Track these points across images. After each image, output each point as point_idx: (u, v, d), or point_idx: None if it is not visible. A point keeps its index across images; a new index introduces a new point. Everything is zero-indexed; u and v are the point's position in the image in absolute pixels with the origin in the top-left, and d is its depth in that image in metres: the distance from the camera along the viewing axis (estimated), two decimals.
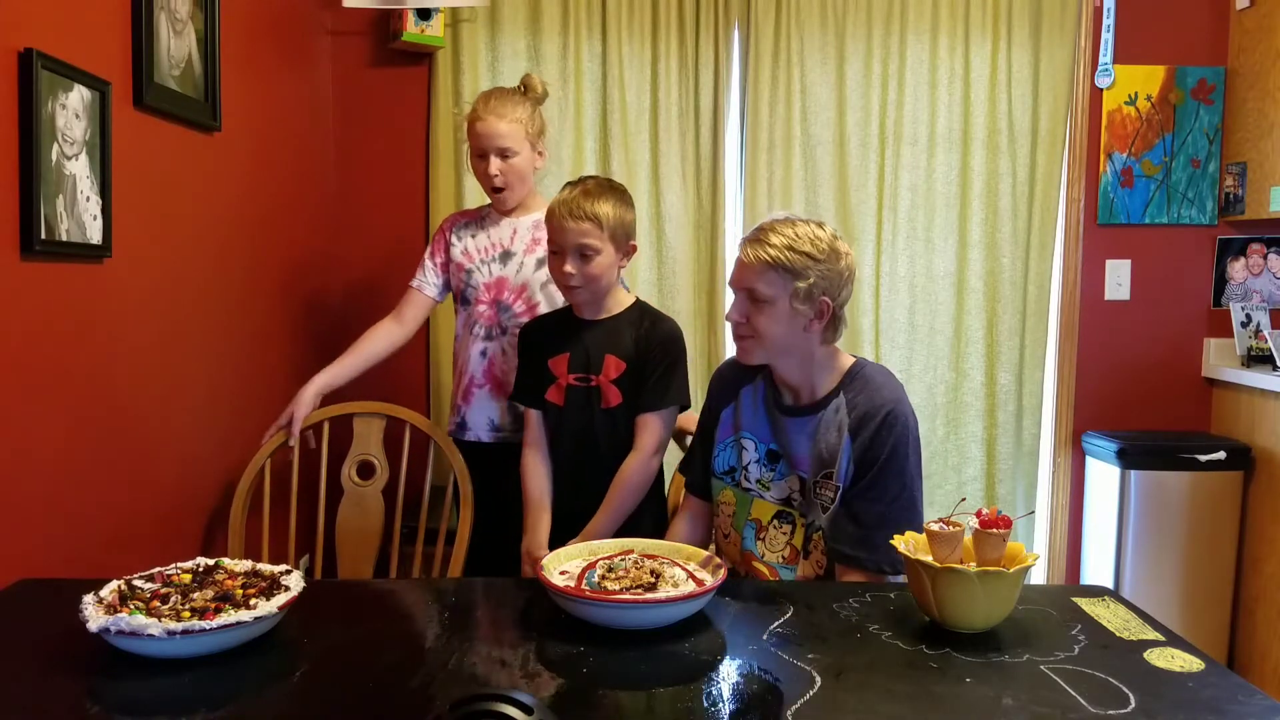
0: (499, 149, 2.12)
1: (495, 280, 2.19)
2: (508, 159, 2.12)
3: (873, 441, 1.59)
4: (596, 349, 1.94)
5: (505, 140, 2.11)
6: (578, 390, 1.95)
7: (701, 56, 3.05)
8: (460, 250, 2.22)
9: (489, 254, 2.20)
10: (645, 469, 1.91)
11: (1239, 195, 3.09)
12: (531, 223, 2.21)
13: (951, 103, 3.10)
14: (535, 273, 2.18)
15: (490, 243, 2.21)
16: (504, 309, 2.19)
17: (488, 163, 2.12)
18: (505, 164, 2.12)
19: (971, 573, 1.23)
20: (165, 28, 1.91)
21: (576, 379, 1.95)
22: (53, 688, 1.11)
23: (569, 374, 1.95)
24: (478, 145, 2.14)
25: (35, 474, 1.53)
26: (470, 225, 2.26)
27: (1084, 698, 1.09)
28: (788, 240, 1.60)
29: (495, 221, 2.23)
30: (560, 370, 1.96)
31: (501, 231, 2.22)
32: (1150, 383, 3.23)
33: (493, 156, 2.12)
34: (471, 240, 2.23)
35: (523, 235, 2.20)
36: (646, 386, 1.91)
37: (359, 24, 3.03)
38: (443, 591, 1.49)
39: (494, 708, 0.93)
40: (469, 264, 2.20)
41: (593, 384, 1.94)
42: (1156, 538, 2.99)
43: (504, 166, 2.13)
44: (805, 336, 1.63)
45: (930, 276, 3.16)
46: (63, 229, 1.55)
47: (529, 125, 2.14)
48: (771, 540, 1.71)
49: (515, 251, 2.19)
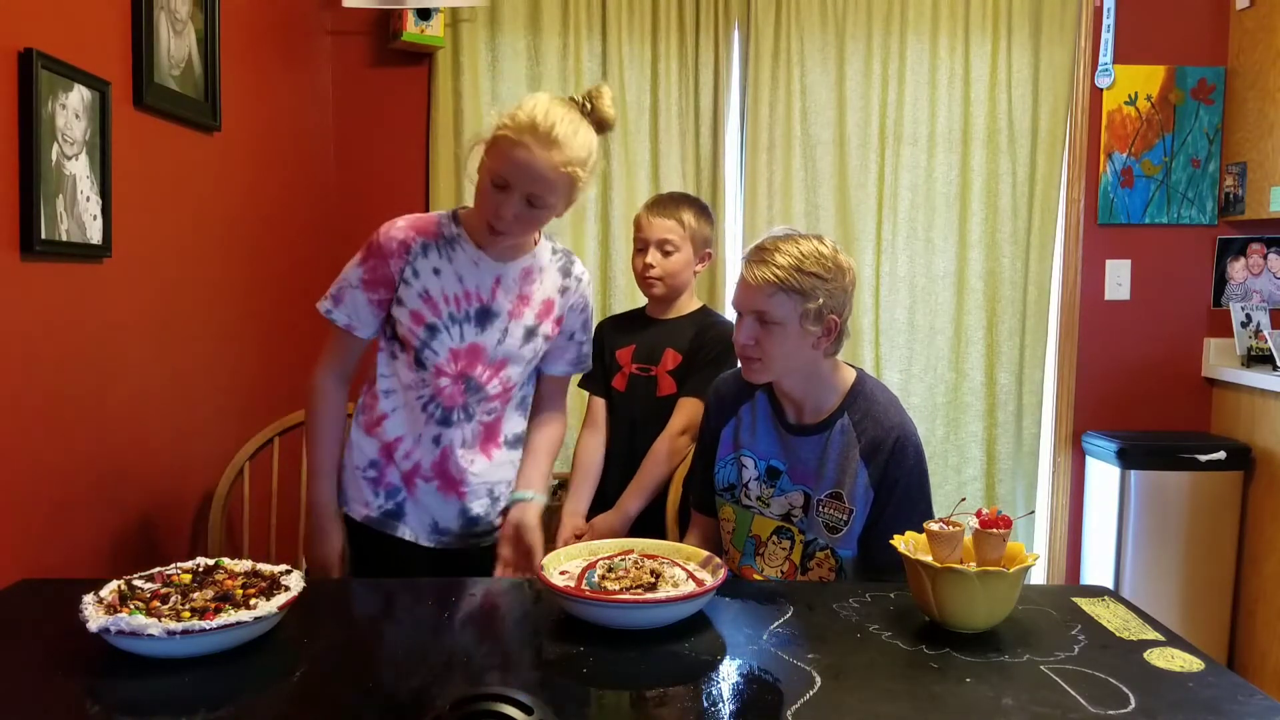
0: (530, 194, 1.51)
1: (467, 348, 1.61)
2: (534, 208, 1.53)
3: (889, 466, 1.61)
4: (659, 342, 2.14)
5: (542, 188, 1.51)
6: (638, 379, 2.14)
7: (701, 56, 3.05)
8: (420, 289, 1.58)
9: (461, 307, 1.60)
10: (671, 444, 2.06)
11: (1239, 195, 3.09)
12: (521, 271, 1.63)
13: (951, 103, 3.10)
14: (524, 347, 1.65)
15: (463, 289, 1.60)
16: (473, 388, 1.63)
17: (506, 198, 1.51)
18: (529, 211, 1.53)
19: (971, 573, 1.23)
20: (165, 28, 1.91)
21: (638, 368, 2.15)
22: (53, 688, 1.11)
23: (632, 363, 2.15)
24: (503, 174, 1.50)
25: (35, 474, 1.53)
26: (434, 249, 1.60)
27: (1084, 698, 1.09)
28: (794, 260, 1.58)
29: (471, 255, 1.60)
30: (625, 359, 2.17)
31: (481, 275, 1.60)
32: (1150, 383, 3.23)
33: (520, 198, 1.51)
34: (435, 278, 1.59)
35: (509, 287, 1.62)
36: (692, 373, 2.08)
37: (359, 24, 3.03)
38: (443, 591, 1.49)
39: (494, 708, 0.93)
40: (431, 316, 1.59)
41: (651, 374, 2.13)
42: (1156, 538, 2.99)
43: (524, 214, 1.53)
44: (812, 354, 1.64)
45: (930, 276, 3.16)
46: (63, 229, 1.55)
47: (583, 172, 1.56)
48: (770, 555, 1.71)
49: (499, 312, 1.62)
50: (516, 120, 1.49)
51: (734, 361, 1.98)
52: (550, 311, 1.68)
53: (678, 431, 2.06)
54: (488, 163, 1.52)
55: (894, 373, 3.17)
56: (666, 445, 2.06)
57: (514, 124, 1.49)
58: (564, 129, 1.49)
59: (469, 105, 3.02)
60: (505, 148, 1.49)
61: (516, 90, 3.05)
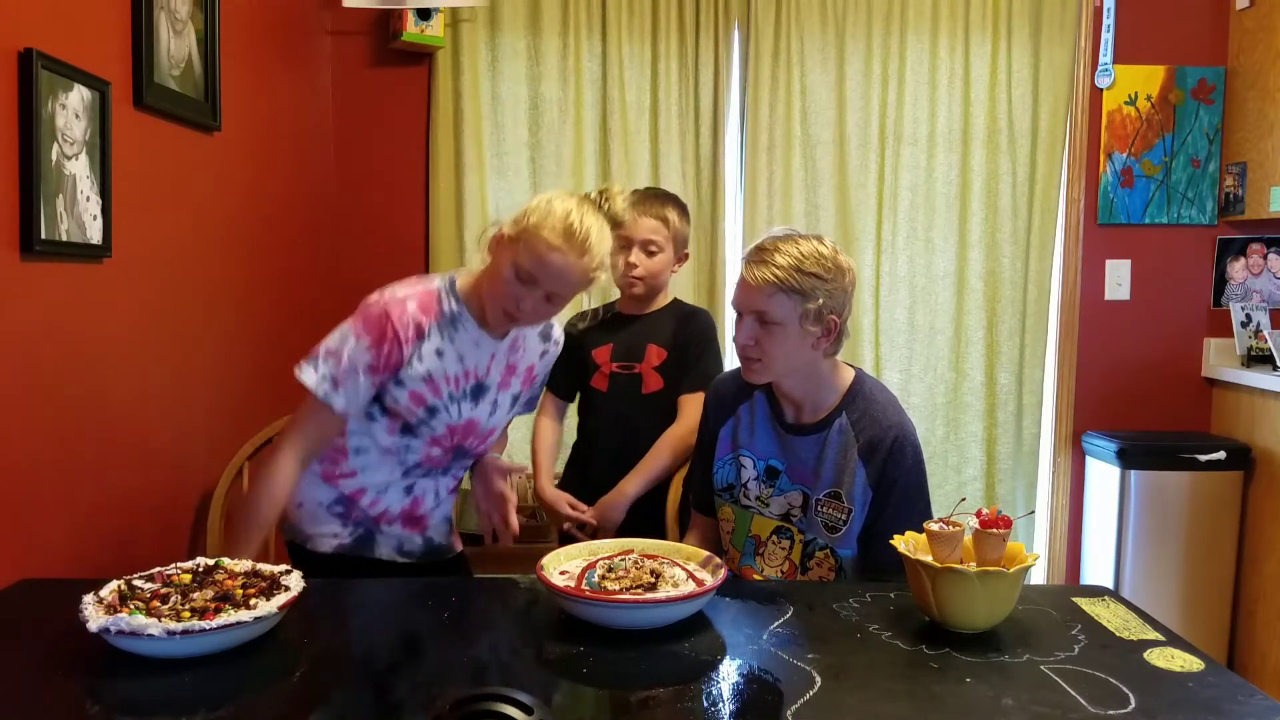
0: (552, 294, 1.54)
1: (464, 424, 1.65)
2: (552, 304, 1.56)
3: (887, 465, 1.62)
4: (639, 339, 2.11)
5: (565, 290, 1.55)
6: (620, 377, 2.11)
7: (701, 56, 3.05)
8: (423, 372, 1.57)
9: (460, 386, 1.61)
10: (678, 442, 2.05)
11: (1239, 195, 3.09)
12: (509, 342, 1.66)
13: (951, 103, 3.10)
14: (509, 413, 1.74)
15: (463, 369, 1.61)
16: (460, 454, 1.69)
17: (529, 293, 1.52)
18: (547, 306, 1.56)
19: (971, 573, 1.23)
20: (165, 28, 1.91)
21: (619, 367, 2.11)
22: (53, 688, 1.11)
23: (612, 362, 2.11)
24: (533, 272, 1.51)
25: (35, 474, 1.53)
26: (441, 330, 1.58)
27: (1084, 698, 1.09)
28: (794, 260, 1.57)
29: (473, 334, 1.61)
30: (603, 359, 2.13)
31: (480, 353, 1.62)
32: (1150, 383, 3.23)
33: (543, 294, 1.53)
34: (437, 360, 1.58)
35: (500, 360, 1.66)
36: (687, 369, 2.07)
37: (359, 24, 3.03)
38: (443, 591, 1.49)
39: (494, 708, 0.93)
40: (432, 398, 1.59)
41: (635, 371, 2.10)
42: (1156, 538, 2.99)
43: (542, 308, 1.56)
44: (812, 354, 1.63)
45: (930, 276, 3.16)
46: (63, 229, 1.55)
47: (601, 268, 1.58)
48: (770, 555, 1.71)
49: (490, 385, 1.65)
50: (551, 223, 1.50)
51: (718, 348, 2.12)
52: (532, 377, 1.76)
53: (688, 429, 2.02)
54: (517, 256, 1.51)
55: (894, 373, 3.17)
56: (672, 441, 2.05)
57: (549, 226, 1.50)
58: (595, 235, 1.52)
59: (469, 105, 3.02)
60: (540, 249, 1.49)
61: (516, 90, 3.05)
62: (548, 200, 1.55)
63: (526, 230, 1.52)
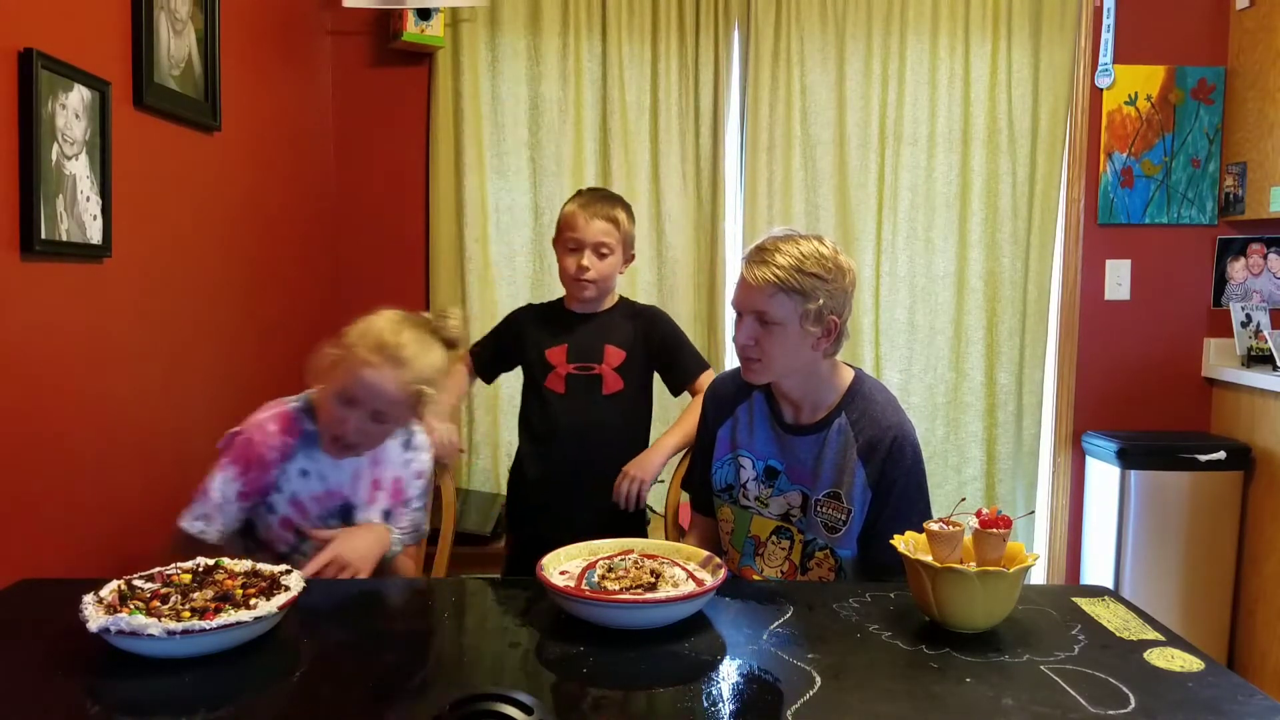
0: (376, 412, 1.53)
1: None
2: (380, 424, 1.55)
3: (886, 466, 1.61)
4: (595, 340, 2.06)
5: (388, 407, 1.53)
6: (578, 378, 2.05)
7: (701, 56, 3.05)
8: (288, 496, 1.57)
9: (326, 506, 1.59)
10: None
11: (1239, 195, 3.09)
12: (370, 458, 1.63)
13: (951, 103, 3.10)
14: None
15: (326, 489, 1.59)
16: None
17: (351, 413, 1.52)
18: (375, 427, 1.55)
19: (971, 573, 1.23)
20: (165, 28, 1.91)
21: (577, 368, 2.05)
22: (53, 688, 1.11)
23: (568, 363, 2.05)
24: (350, 391, 1.51)
25: (35, 474, 1.53)
26: (302, 453, 1.57)
27: (1084, 698, 1.09)
28: (795, 260, 1.57)
29: (332, 455, 1.59)
30: (558, 360, 2.05)
31: (341, 472, 1.60)
32: (1150, 383, 3.23)
33: (366, 413, 1.52)
34: (302, 480, 1.57)
35: (363, 476, 1.62)
36: (677, 367, 2.09)
37: (359, 24, 3.03)
38: (443, 591, 1.49)
39: (494, 708, 0.93)
40: (299, 519, 1.58)
41: (595, 372, 2.05)
42: (1156, 538, 2.99)
43: (370, 429, 1.55)
44: (812, 355, 1.63)
45: (930, 276, 3.16)
46: (63, 229, 1.55)
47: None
48: (770, 556, 1.71)
49: (358, 504, 1.62)
50: (366, 340, 1.50)
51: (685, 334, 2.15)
52: (401, 490, 1.67)
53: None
54: (337, 378, 1.52)
55: (894, 373, 3.17)
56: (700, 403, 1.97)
57: (363, 344, 1.50)
58: (412, 350, 1.50)
59: (469, 105, 3.02)
60: (355, 366, 1.49)
61: (516, 90, 3.06)
62: (367, 319, 1.54)
63: (345, 349, 1.52)
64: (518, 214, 3.10)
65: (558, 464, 2.06)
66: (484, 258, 3.09)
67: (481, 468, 3.12)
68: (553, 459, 2.07)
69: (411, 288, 3.11)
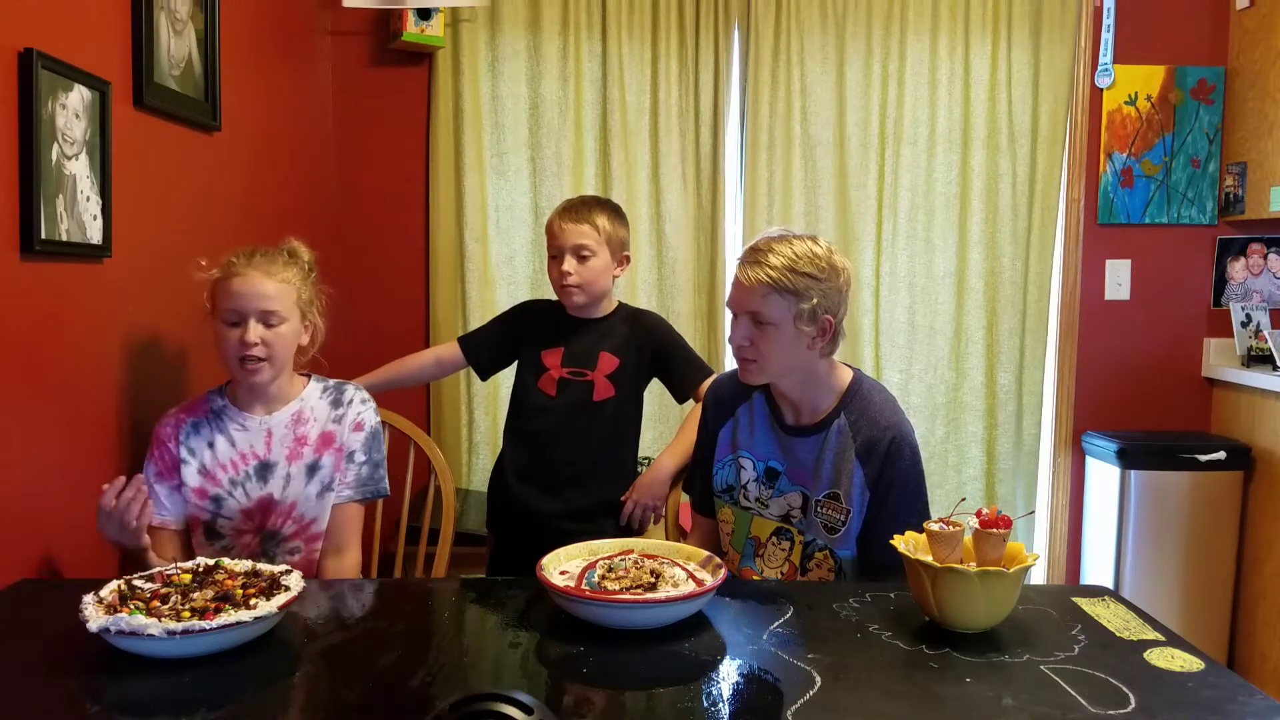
0: (261, 311, 1.62)
1: (257, 503, 1.68)
2: (272, 326, 1.64)
3: (885, 466, 1.61)
4: (591, 346, 2.05)
5: (271, 303, 1.63)
6: (570, 383, 2.04)
7: (701, 56, 3.05)
8: (196, 468, 1.66)
9: (239, 469, 1.68)
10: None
11: (1239, 195, 3.09)
12: (291, 418, 1.71)
13: (951, 103, 3.10)
14: (308, 485, 1.70)
15: (238, 453, 1.68)
16: (271, 537, 1.70)
17: (245, 328, 1.62)
18: (271, 333, 1.64)
19: (971, 573, 1.23)
20: (165, 28, 1.91)
21: (570, 372, 2.04)
22: (53, 688, 1.11)
23: (562, 367, 2.04)
24: (231, 307, 1.63)
25: (36, 474, 1.53)
26: (202, 427, 1.69)
27: (1084, 698, 1.09)
28: (788, 261, 1.57)
29: (237, 420, 1.69)
30: (553, 363, 2.05)
31: (253, 435, 1.69)
32: (1150, 383, 3.23)
33: (252, 321, 1.62)
34: (209, 451, 1.67)
35: (282, 436, 1.70)
36: (677, 375, 2.08)
37: (359, 24, 3.03)
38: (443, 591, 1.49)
39: (494, 708, 0.93)
40: (213, 488, 1.67)
41: (587, 378, 2.03)
42: (1156, 538, 2.99)
43: (268, 336, 1.64)
44: (808, 355, 1.63)
45: (930, 276, 3.16)
46: (63, 229, 1.55)
47: (300, 291, 1.69)
48: (770, 557, 1.71)
49: (275, 461, 1.69)
50: (220, 266, 1.65)
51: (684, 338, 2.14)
52: (331, 442, 1.72)
53: None
54: (216, 309, 1.64)
55: (894, 373, 3.17)
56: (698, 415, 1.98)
57: (221, 269, 1.65)
58: (262, 254, 1.66)
59: (469, 105, 3.02)
60: (225, 284, 1.63)
61: (516, 90, 3.06)
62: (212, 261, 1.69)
63: (210, 289, 1.66)
64: (518, 214, 3.10)
65: (539, 466, 2.06)
66: (484, 258, 3.09)
67: (481, 467, 3.12)
68: (535, 460, 2.07)
69: (411, 288, 3.11)
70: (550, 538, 1.61)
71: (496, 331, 2.18)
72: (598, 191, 3.03)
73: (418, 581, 1.53)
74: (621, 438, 2.09)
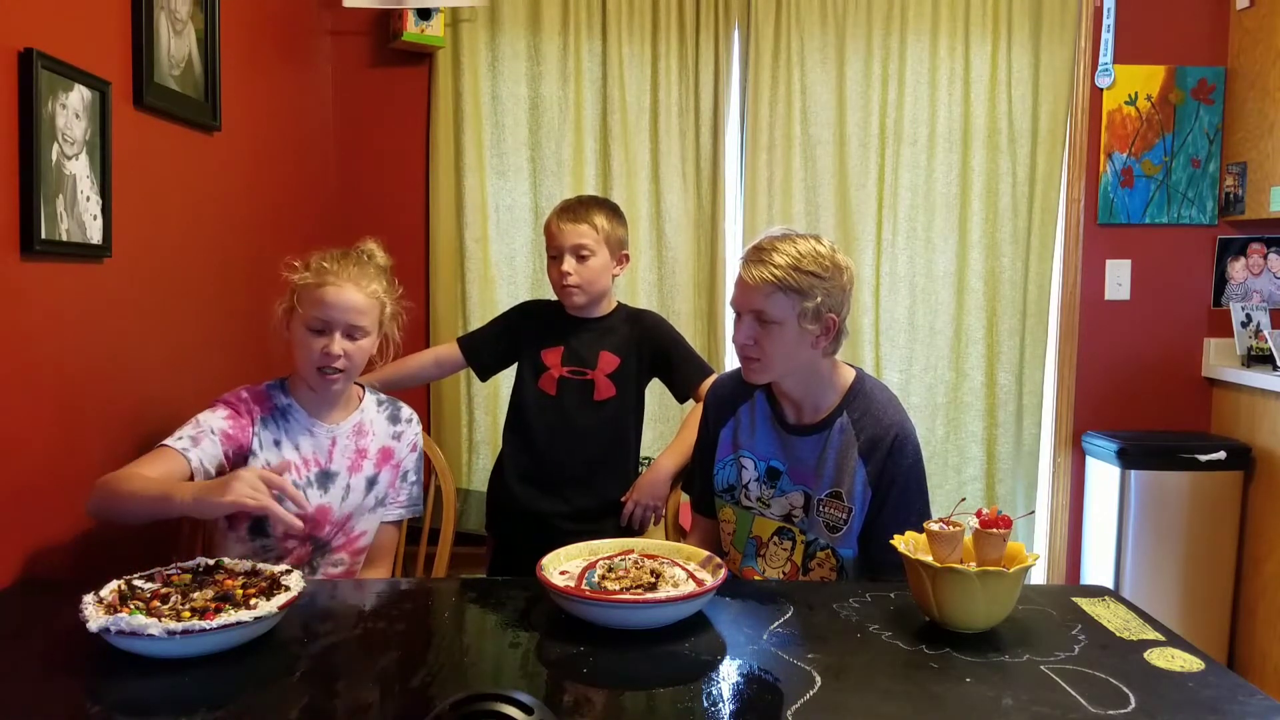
0: (349, 325, 1.62)
1: (315, 511, 1.65)
2: (355, 339, 1.64)
3: (887, 464, 1.62)
4: (591, 345, 2.05)
5: (360, 318, 1.63)
6: (571, 382, 2.04)
7: (701, 56, 3.05)
8: (264, 461, 1.63)
9: (303, 474, 1.66)
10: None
11: (1239, 195, 3.09)
12: (353, 429, 1.72)
13: (951, 103, 3.10)
14: (365, 499, 1.72)
15: (302, 458, 1.67)
16: (321, 547, 1.69)
17: (331, 339, 1.61)
18: (352, 345, 1.64)
19: (971, 573, 1.23)
20: (165, 28, 1.91)
21: (570, 371, 2.04)
22: (53, 688, 1.11)
23: (562, 366, 2.04)
24: (319, 316, 1.62)
25: (35, 473, 1.52)
26: (272, 422, 1.67)
27: (1084, 698, 1.09)
28: (792, 259, 1.57)
29: (305, 424, 1.69)
30: (553, 362, 2.05)
31: (318, 441, 1.69)
32: (1150, 383, 3.23)
33: (338, 334, 1.62)
34: (276, 450, 1.65)
35: (344, 447, 1.71)
36: (678, 374, 2.08)
37: (359, 24, 3.03)
38: (443, 591, 1.49)
39: (494, 708, 0.93)
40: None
41: (587, 377, 2.03)
42: (1156, 538, 2.99)
43: (349, 349, 1.63)
44: (812, 354, 1.63)
45: (930, 276, 3.16)
46: (63, 229, 1.55)
47: (385, 305, 1.71)
48: (771, 556, 1.71)
49: (337, 471, 1.69)
50: (310, 274, 1.64)
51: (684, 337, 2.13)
52: (389, 458, 1.76)
53: None
54: (301, 315, 1.62)
55: (894, 373, 3.17)
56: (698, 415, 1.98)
57: (309, 276, 1.63)
58: (355, 265, 1.65)
59: (469, 105, 3.02)
60: (313, 293, 1.61)
61: (516, 90, 3.06)
62: (294, 265, 1.68)
63: (297, 291, 1.64)
64: (518, 214, 3.10)
65: (538, 465, 2.06)
66: (484, 258, 3.09)
67: (481, 467, 3.12)
68: (534, 460, 2.06)
69: (411, 288, 3.07)
70: (550, 537, 1.61)
71: (496, 332, 2.18)
72: (598, 191, 3.03)
73: (418, 581, 1.53)
74: (622, 437, 2.09)
